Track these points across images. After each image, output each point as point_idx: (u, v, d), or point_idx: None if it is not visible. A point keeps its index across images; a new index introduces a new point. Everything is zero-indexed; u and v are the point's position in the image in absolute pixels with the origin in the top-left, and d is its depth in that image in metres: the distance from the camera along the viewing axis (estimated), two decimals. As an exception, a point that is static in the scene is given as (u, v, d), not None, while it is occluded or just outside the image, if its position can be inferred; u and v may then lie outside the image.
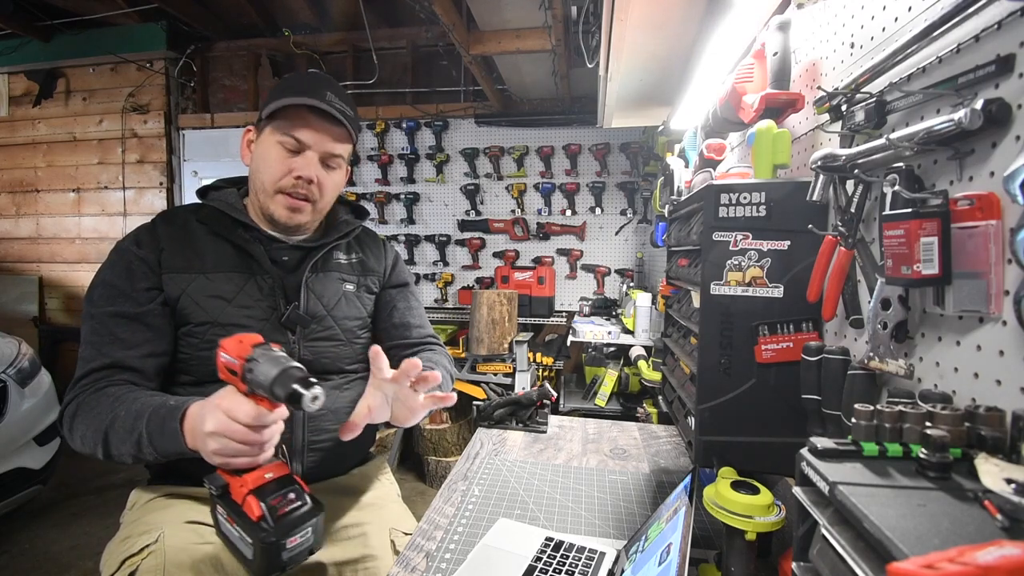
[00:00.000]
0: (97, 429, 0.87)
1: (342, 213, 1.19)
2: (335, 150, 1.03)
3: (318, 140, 1.01)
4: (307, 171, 1.00)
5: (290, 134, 0.99)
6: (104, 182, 3.94)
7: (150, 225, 1.04)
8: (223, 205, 1.04)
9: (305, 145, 1.00)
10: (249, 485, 0.74)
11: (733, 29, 1.04)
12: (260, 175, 1.02)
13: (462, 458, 1.28)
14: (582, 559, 0.85)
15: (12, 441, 2.21)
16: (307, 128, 1.00)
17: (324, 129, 1.01)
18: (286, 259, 1.06)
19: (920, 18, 0.67)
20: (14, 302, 3.98)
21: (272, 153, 1.01)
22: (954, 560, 0.31)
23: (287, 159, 1.01)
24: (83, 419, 0.89)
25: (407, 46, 3.60)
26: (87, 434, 0.88)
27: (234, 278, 1.01)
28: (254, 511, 0.73)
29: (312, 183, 1.02)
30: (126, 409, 0.86)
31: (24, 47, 3.88)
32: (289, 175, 1.00)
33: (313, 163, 1.01)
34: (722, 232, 0.89)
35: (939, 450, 0.46)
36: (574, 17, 2.23)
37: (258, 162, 1.03)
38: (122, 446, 0.85)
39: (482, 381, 3.11)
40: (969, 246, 0.56)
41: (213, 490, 0.76)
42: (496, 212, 3.54)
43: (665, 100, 1.79)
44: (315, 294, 1.07)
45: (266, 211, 1.04)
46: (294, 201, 1.02)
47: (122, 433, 0.85)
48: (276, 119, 1.00)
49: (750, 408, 0.89)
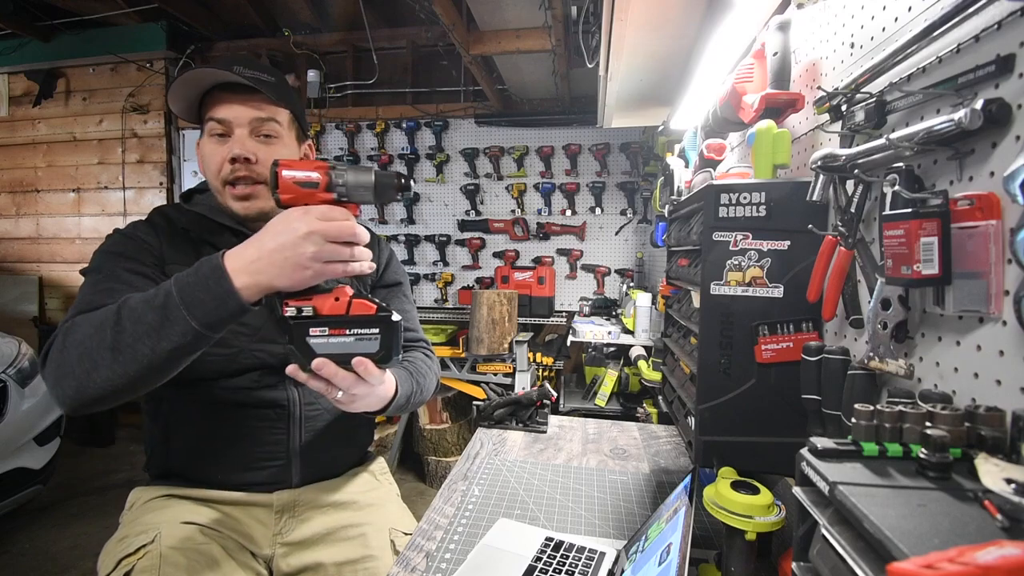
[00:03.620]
0: (102, 321, 0.71)
1: None
2: (260, 114, 0.96)
3: (237, 113, 0.94)
4: (236, 150, 0.94)
5: (212, 118, 0.94)
6: (104, 182, 3.94)
7: (146, 221, 1.01)
8: (206, 210, 1.01)
9: (228, 124, 0.95)
10: (346, 294, 0.74)
11: (733, 29, 1.04)
12: (207, 176, 0.99)
13: (462, 458, 1.28)
14: (582, 559, 0.85)
15: (12, 441, 2.21)
16: (222, 104, 0.94)
17: (241, 100, 0.95)
18: None
19: (920, 18, 0.67)
20: (14, 302, 3.98)
21: (207, 148, 0.97)
22: (954, 560, 0.31)
23: (219, 148, 0.95)
24: (81, 326, 0.73)
25: (407, 46, 3.60)
26: (86, 336, 0.72)
27: None
28: (369, 307, 0.74)
29: (250, 161, 0.95)
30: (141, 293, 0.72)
31: (24, 47, 3.88)
32: (225, 163, 0.95)
33: (242, 140, 0.95)
34: (722, 232, 0.89)
35: (939, 450, 0.46)
36: (574, 17, 2.24)
37: (201, 165, 1.00)
38: (139, 327, 0.69)
39: (482, 381, 3.11)
40: (969, 246, 0.56)
41: (300, 318, 0.72)
42: (496, 212, 3.54)
43: (665, 100, 1.79)
44: None
45: (226, 209, 0.99)
46: (240, 189, 0.96)
47: (140, 311, 0.69)
48: (203, 118, 0.96)
49: (750, 408, 0.89)
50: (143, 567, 0.85)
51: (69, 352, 0.72)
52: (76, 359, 0.71)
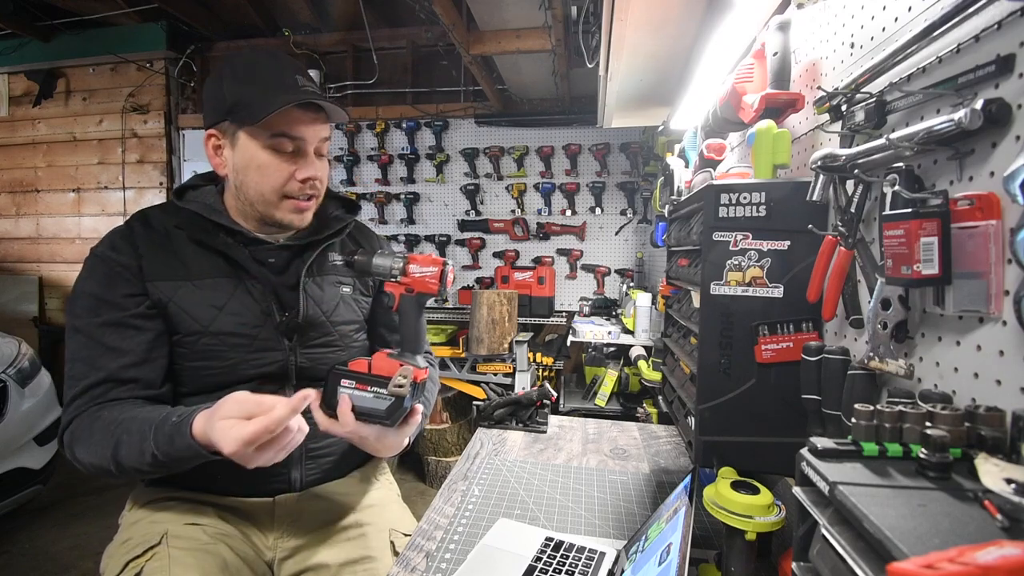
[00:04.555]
0: (104, 446, 0.83)
1: (332, 208, 1.12)
2: (324, 134, 0.96)
3: (312, 132, 0.93)
4: (312, 171, 0.94)
5: (284, 134, 0.91)
6: (104, 182, 3.94)
7: (125, 229, 0.96)
8: (201, 207, 0.96)
9: (301, 142, 0.93)
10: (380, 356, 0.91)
11: (733, 29, 1.04)
12: (256, 186, 0.93)
13: (462, 458, 1.28)
14: (582, 559, 0.85)
15: (12, 441, 2.21)
16: (298, 124, 0.91)
17: (311, 119, 0.93)
18: (272, 260, 1.00)
19: (920, 18, 0.67)
20: (14, 302, 3.98)
21: (265, 160, 0.92)
22: (954, 560, 0.31)
23: (285, 163, 0.92)
24: (87, 436, 0.85)
25: (407, 46, 3.60)
26: (94, 453, 0.84)
27: (222, 284, 0.95)
28: (385, 370, 0.89)
29: (317, 180, 0.96)
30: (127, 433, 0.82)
31: (24, 47, 3.88)
32: (293, 179, 0.93)
33: (313, 160, 0.95)
34: (722, 232, 0.89)
35: (939, 450, 0.46)
36: (574, 17, 2.24)
37: (247, 172, 0.93)
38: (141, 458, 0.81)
39: (482, 381, 3.11)
40: (969, 246, 0.56)
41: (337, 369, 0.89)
42: (496, 212, 3.54)
43: (665, 100, 1.79)
44: (314, 300, 1.01)
45: (269, 218, 0.97)
46: (303, 203, 0.96)
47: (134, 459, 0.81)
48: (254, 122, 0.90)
49: (750, 408, 0.89)
50: (153, 569, 0.84)
51: (83, 454, 0.86)
52: (90, 463, 0.85)
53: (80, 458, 0.86)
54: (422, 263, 0.89)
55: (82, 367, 0.89)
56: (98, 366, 0.88)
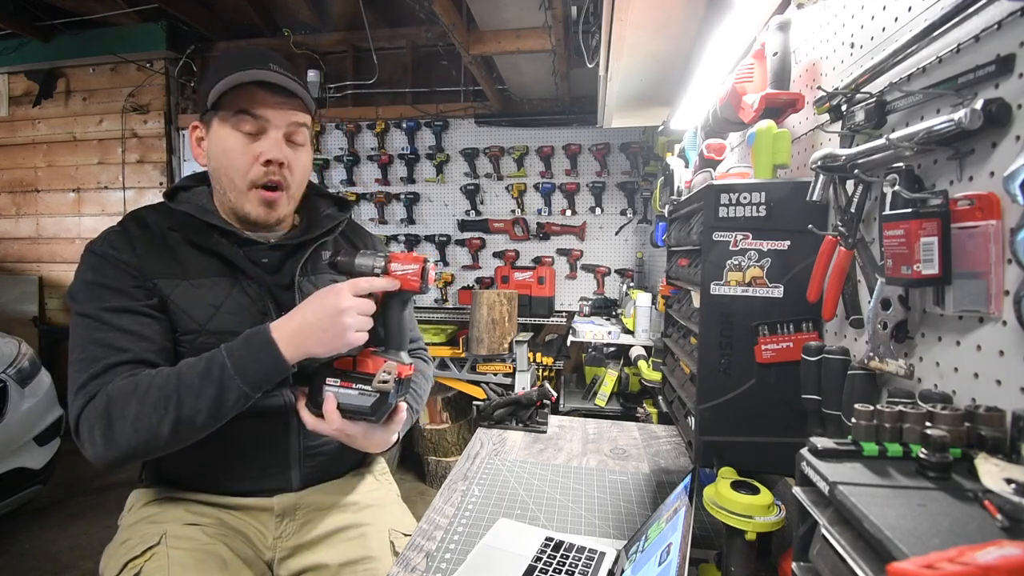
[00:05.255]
0: (159, 399, 0.79)
1: (324, 207, 1.10)
2: (296, 119, 0.94)
3: (278, 115, 0.91)
4: (275, 152, 0.91)
5: (246, 111, 0.89)
6: (104, 182, 3.94)
7: (120, 229, 0.95)
8: (193, 208, 0.95)
9: (265, 124, 0.91)
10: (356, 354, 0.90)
11: (733, 29, 1.04)
12: (225, 172, 0.93)
13: (462, 458, 1.28)
14: (582, 559, 0.85)
15: (12, 441, 2.21)
16: (261, 103, 0.90)
17: (280, 103, 0.92)
18: (266, 261, 0.99)
19: (920, 18, 0.67)
20: (14, 302, 3.98)
21: (230, 143, 0.91)
22: (954, 560, 0.31)
23: (249, 144, 0.91)
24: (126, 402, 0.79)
25: (407, 46, 3.60)
26: (143, 412, 0.78)
27: (219, 283, 0.94)
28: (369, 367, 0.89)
29: (283, 166, 0.93)
30: (187, 365, 0.81)
31: (24, 47, 3.88)
32: (256, 163, 0.91)
33: (279, 143, 0.92)
34: (722, 232, 0.89)
35: (939, 450, 0.46)
36: (574, 17, 2.24)
37: (218, 158, 0.93)
38: (199, 400, 0.79)
39: (482, 381, 3.11)
40: (969, 246, 0.56)
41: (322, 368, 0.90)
42: (496, 212, 3.54)
43: (665, 100, 1.79)
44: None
45: (239, 211, 0.95)
46: (268, 194, 0.94)
47: (196, 384, 0.79)
48: (224, 107, 0.90)
49: (750, 408, 0.89)
50: (152, 569, 0.84)
51: (120, 426, 0.79)
52: (131, 432, 0.79)
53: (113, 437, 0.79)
54: (403, 261, 0.89)
55: (98, 349, 0.84)
56: (119, 347, 0.84)
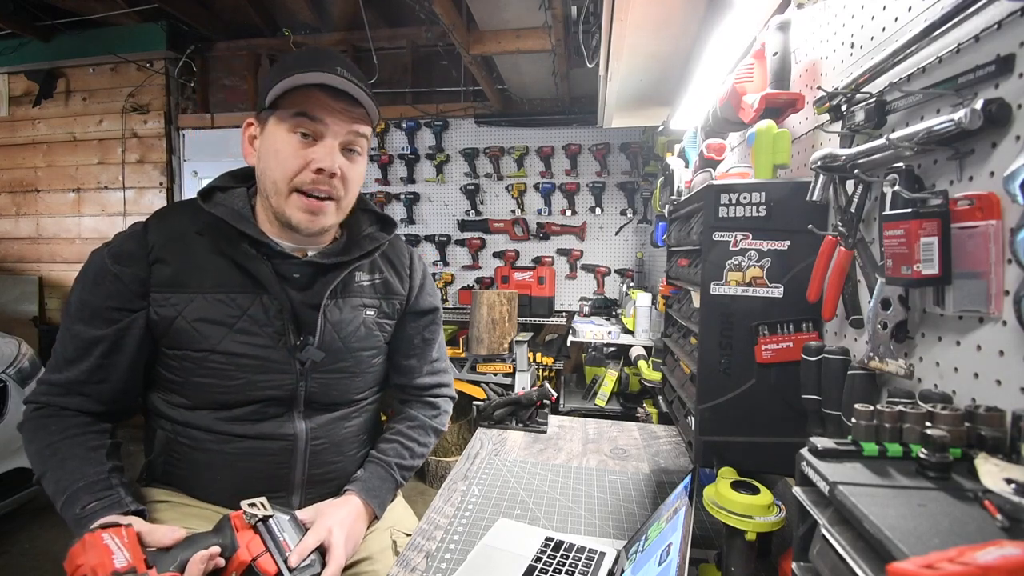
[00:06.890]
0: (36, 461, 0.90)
1: (366, 225, 1.03)
2: (357, 129, 0.89)
3: (338, 123, 0.86)
4: (328, 161, 0.86)
5: (304, 114, 0.85)
6: (104, 182, 3.94)
7: (141, 230, 0.91)
8: (227, 213, 0.89)
9: (323, 129, 0.86)
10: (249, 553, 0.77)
11: (733, 29, 1.04)
12: (270, 172, 0.88)
13: (462, 458, 1.28)
14: (582, 559, 0.85)
15: (12, 441, 2.21)
16: (320, 107, 0.85)
17: (343, 110, 0.87)
18: (297, 276, 0.93)
19: (920, 18, 0.67)
20: (14, 302, 3.98)
21: (282, 144, 0.86)
22: (954, 560, 0.31)
23: (302, 149, 0.86)
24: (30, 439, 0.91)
25: (407, 46, 3.60)
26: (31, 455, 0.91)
27: (237, 299, 0.89)
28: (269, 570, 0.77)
29: (335, 176, 0.88)
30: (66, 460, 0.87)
31: (24, 47, 3.88)
32: (307, 169, 0.86)
33: (334, 152, 0.87)
34: (722, 232, 0.89)
35: (939, 450, 0.46)
36: (574, 17, 2.24)
37: (267, 158, 0.88)
38: (49, 486, 0.87)
39: (482, 381, 3.11)
40: (969, 246, 0.56)
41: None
42: (496, 212, 3.54)
43: (665, 100, 1.79)
44: (332, 325, 0.95)
45: (281, 216, 0.89)
46: (313, 202, 0.88)
47: (52, 477, 0.86)
48: (282, 106, 0.86)
49: (750, 408, 0.89)
50: None
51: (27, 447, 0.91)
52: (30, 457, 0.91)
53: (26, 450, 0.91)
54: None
55: (55, 361, 0.92)
56: (63, 371, 0.90)
